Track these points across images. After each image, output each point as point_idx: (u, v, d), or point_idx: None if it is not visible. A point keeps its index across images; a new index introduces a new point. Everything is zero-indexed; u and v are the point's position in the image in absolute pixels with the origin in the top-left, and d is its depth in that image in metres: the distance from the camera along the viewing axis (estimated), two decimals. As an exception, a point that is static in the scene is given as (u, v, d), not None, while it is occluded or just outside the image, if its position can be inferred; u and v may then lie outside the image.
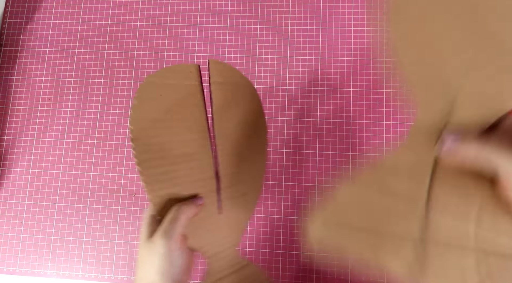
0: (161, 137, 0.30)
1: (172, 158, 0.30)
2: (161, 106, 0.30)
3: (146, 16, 0.50)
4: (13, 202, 0.46)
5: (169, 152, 0.30)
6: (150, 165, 0.29)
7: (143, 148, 0.28)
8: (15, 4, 0.51)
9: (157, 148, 0.29)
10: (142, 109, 0.29)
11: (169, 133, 0.30)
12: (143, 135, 0.29)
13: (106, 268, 0.44)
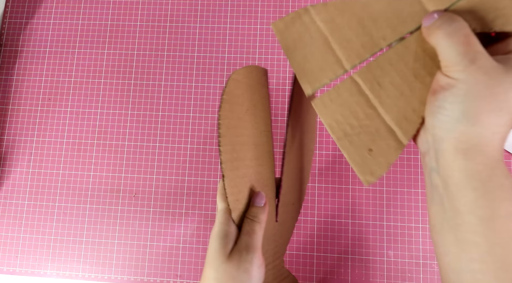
0: (241, 138, 0.28)
1: (248, 160, 0.28)
2: (243, 105, 0.28)
3: (146, 16, 0.50)
4: (13, 202, 0.46)
5: (246, 154, 0.28)
6: (233, 166, 0.27)
7: (228, 147, 0.26)
8: (15, 4, 0.51)
9: (238, 148, 0.27)
10: (230, 105, 0.27)
11: (247, 134, 0.29)
12: (229, 133, 0.26)
13: (106, 268, 0.44)
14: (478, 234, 0.19)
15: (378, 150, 0.23)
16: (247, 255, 0.25)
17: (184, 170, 0.46)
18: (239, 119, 0.28)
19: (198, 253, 0.44)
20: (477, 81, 0.18)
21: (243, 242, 0.25)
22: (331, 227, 0.43)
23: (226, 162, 0.26)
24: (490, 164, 0.19)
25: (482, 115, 0.18)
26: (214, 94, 0.47)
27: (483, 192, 0.19)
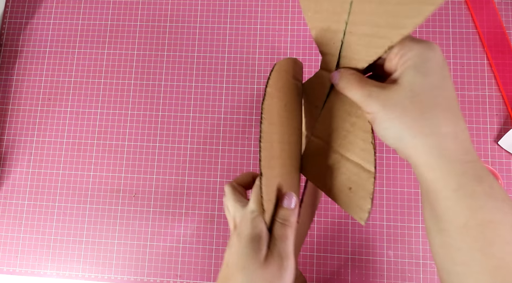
0: (278, 135, 0.27)
1: (282, 159, 0.27)
2: (282, 100, 0.27)
3: (146, 16, 0.50)
4: (13, 202, 0.46)
5: (281, 153, 0.27)
6: (270, 164, 0.25)
7: (268, 144, 0.25)
8: (15, 4, 0.51)
9: (275, 146, 0.26)
10: (273, 99, 0.26)
11: (283, 132, 0.27)
12: (269, 130, 0.25)
13: (106, 268, 0.44)
14: (457, 240, 0.20)
15: (356, 185, 0.25)
16: (283, 262, 0.24)
17: (184, 170, 0.46)
18: (278, 115, 0.26)
19: (198, 253, 0.44)
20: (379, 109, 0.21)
21: (278, 248, 0.24)
22: (331, 227, 0.43)
23: (265, 159, 0.25)
24: (455, 170, 0.20)
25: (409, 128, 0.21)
26: (214, 94, 0.47)
27: (455, 201, 0.20)
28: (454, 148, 0.20)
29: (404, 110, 0.21)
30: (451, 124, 0.21)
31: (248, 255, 0.24)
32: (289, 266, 0.24)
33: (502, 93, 0.44)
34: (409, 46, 0.21)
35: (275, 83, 0.26)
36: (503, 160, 0.43)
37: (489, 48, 0.45)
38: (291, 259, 0.25)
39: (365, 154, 0.25)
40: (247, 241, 0.24)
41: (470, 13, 0.47)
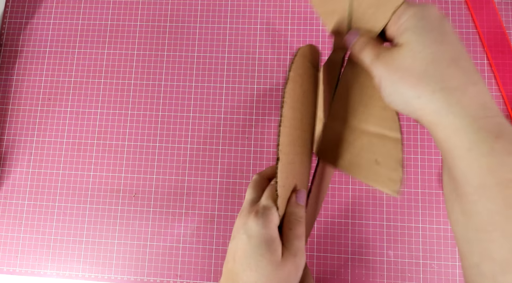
0: (296, 122, 0.26)
1: (298, 147, 0.26)
2: (302, 86, 0.26)
3: (146, 16, 0.50)
4: (13, 202, 0.46)
5: (297, 140, 0.26)
6: (286, 150, 0.24)
7: (286, 129, 0.24)
8: (15, 4, 0.51)
9: (293, 132, 0.25)
10: (294, 84, 0.25)
11: (301, 118, 0.26)
12: (289, 114, 0.24)
13: (106, 268, 0.44)
14: (476, 203, 0.19)
15: (383, 156, 0.24)
16: (300, 260, 0.24)
17: (184, 170, 0.46)
18: (298, 101, 0.26)
19: (198, 253, 0.44)
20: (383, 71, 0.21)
21: (295, 247, 0.24)
22: (331, 227, 0.43)
23: (283, 144, 0.24)
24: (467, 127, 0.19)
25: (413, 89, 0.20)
26: (214, 94, 0.47)
27: (470, 161, 0.19)
28: (464, 103, 0.19)
29: (406, 70, 0.20)
30: (458, 78, 0.19)
31: (262, 256, 0.22)
32: (303, 262, 0.24)
33: (502, 93, 0.44)
34: (404, 9, 0.22)
35: (297, 69, 0.25)
36: (503, 160, 0.43)
37: (489, 48, 0.45)
38: (304, 255, 0.24)
39: (388, 122, 0.24)
40: (259, 242, 0.23)
41: (470, 13, 0.47)
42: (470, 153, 0.18)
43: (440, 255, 0.41)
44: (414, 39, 0.20)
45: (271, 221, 0.23)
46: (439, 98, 0.19)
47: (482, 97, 0.19)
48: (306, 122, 0.28)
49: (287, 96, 0.24)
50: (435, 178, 0.43)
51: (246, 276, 0.23)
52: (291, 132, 0.25)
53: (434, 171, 0.44)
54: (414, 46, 0.20)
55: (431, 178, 0.43)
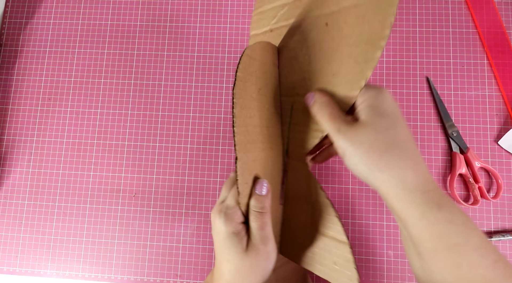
0: (254, 119, 0.27)
1: (260, 143, 0.27)
2: (256, 84, 0.27)
3: (146, 16, 0.50)
4: (13, 202, 0.46)
5: (258, 136, 0.27)
6: (247, 148, 0.25)
7: (242, 129, 0.25)
8: (15, 4, 0.51)
9: (251, 130, 0.26)
10: (244, 83, 0.25)
11: (260, 116, 0.27)
12: (242, 114, 0.25)
13: (106, 268, 0.44)
14: (431, 263, 0.22)
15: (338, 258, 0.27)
16: (264, 247, 0.26)
17: (184, 170, 0.46)
18: (252, 99, 0.26)
19: (198, 253, 0.44)
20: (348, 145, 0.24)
21: (258, 237, 0.26)
22: (331, 227, 0.43)
23: (240, 143, 0.25)
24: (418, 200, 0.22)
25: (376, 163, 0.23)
26: (214, 94, 0.47)
27: (421, 229, 0.22)
28: (415, 180, 0.22)
29: (370, 147, 0.23)
30: (410, 158, 0.23)
31: (228, 249, 0.26)
32: (270, 249, 0.26)
33: (502, 93, 0.44)
34: (364, 89, 0.24)
35: (245, 68, 0.25)
36: (503, 160, 0.43)
37: (489, 48, 0.45)
38: (271, 243, 0.26)
39: (336, 226, 0.27)
40: (224, 237, 0.26)
41: (470, 13, 0.47)
42: (421, 222, 0.22)
43: (440, 255, 0.41)
44: (376, 121, 0.23)
45: (232, 219, 0.26)
46: (397, 174, 0.22)
47: (426, 173, 0.23)
48: (267, 118, 0.29)
49: (237, 97, 0.25)
50: (435, 178, 0.43)
51: (223, 265, 0.27)
52: (249, 130, 0.26)
53: (434, 171, 0.44)
54: (377, 127, 0.23)
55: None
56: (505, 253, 0.41)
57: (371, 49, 0.23)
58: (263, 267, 0.26)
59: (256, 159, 0.27)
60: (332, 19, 0.26)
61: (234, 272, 0.26)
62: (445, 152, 0.44)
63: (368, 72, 0.24)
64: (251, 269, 0.26)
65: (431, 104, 0.45)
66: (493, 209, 0.42)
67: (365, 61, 0.24)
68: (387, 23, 0.22)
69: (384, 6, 0.23)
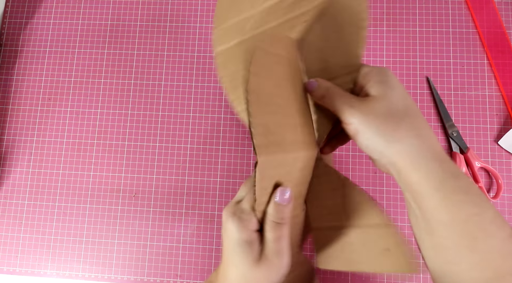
0: (275, 117, 0.24)
1: (286, 145, 0.24)
2: (273, 79, 0.24)
3: (146, 16, 0.50)
4: (13, 202, 0.46)
5: (284, 137, 0.24)
6: (269, 150, 0.22)
7: (261, 129, 0.22)
8: (15, 4, 0.51)
9: (273, 130, 0.23)
10: (259, 79, 0.23)
11: (283, 113, 0.24)
12: (259, 112, 0.22)
13: (106, 268, 0.44)
14: (446, 238, 0.21)
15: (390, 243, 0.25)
16: (278, 261, 0.24)
17: (184, 170, 0.46)
18: (271, 95, 0.24)
19: (198, 253, 0.44)
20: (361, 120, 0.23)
21: (272, 249, 0.24)
22: (331, 227, 0.43)
23: (260, 146, 0.22)
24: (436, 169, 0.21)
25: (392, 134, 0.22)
26: (214, 94, 0.47)
27: (439, 199, 0.21)
28: (432, 149, 0.22)
29: (385, 119, 0.22)
30: (425, 127, 0.23)
31: (238, 256, 0.24)
32: (283, 263, 0.24)
33: (502, 93, 0.44)
34: (368, 68, 0.25)
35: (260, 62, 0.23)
36: (503, 160, 0.43)
37: (489, 48, 0.45)
38: (286, 257, 0.24)
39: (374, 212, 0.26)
40: (235, 244, 0.24)
41: (470, 13, 0.47)
42: (439, 192, 0.21)
43: (440, 255, 0.41)
44: (388, 93, 0.23)
45: (246, 226, 0.23)
46: (414, 143, 0.22)
47: (438, 143, 0.23)
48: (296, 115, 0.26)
49: (252, 93, 0.22)
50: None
51: (230, 270, 0.25)
52: (271, 131, 0.23)
53: (434, 171, 0.43)
54: (390, 98, 0.23)
55: (431, 178, 0.43)
56: (505, 253, 0.41)
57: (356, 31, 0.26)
58: (272, 280, 0.24)
59: (280, 164, 0.24)
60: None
61: (241, 281, 0.24)
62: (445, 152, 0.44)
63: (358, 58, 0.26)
64: (259, 280, 0.24)
65: (431, 104, 0.45)
66: (493, 209, 0.42)
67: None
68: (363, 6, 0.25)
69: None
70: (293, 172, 0.26)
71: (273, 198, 0.24)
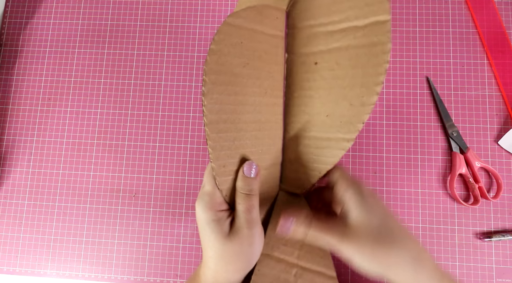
0: (235, 97, 0.24)
1: (242, 123, 0.25)
2: (240, 57, 0.24)
3: (146, 16, 0.50)
4: (13, 202, 0.46)
5: (241, 116, 0.24)
6: (219, 128, 0.23)
7: (214, 107, 0.22)
8: (15, 4, 0.51)
9: (229, 109, 0.23)
10: (220, 58, 0.22)
11: (244, 93, 0.24)
12: (216, 91, 0.22)
13: (106, 268, 0.44)
14: None
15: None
16: (249, 231, 0.25)
17: (184, 169, 0.46)
18: (234, 75, 0.23)
19: (198, 253, 0.44)
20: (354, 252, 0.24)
21: (243, 220, 0.25)
22: (331, 227, 0.43)
23: (211, 123, 0.23)
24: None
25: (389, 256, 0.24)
26: (214, 94, 0.47)
27: None
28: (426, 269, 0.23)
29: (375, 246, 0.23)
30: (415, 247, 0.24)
31: (208, 235, 0.24)
32: (255, 234, 0.25)
33: (502, 93, 0.44)
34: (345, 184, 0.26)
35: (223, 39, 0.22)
36: (503, 160, 0.43)
37: (489, 48, 0.45)
38: (258, 227, 0.25)
39: (325, 261, 0.27)
40: (203, 225, 0.25)
41: (470, 13, 0.47)
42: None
43: (440, 255, 0.41)
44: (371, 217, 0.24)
45: (211, 206, 0.25)
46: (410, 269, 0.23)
47: (431, 259, 0.24)
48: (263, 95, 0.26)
49: (209, 73, 0.22)
50: (435, 178, 0.43)
51: (206, 252, 0.26)
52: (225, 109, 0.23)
53: (434, 171, 0.44)
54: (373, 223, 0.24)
55: (431, 178, 0.43)
56: (505, 253, 0.41)
57: (367, 93, 0.23)
58: (247, 253, 0.25)
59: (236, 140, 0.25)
60: (321, 58, 0.25)
61: (217, 259, 0.25)
62: (445, 152, 0.44)
63: (365, 116, 0.23)
64: (234, 255, 0.24)
65: (431, 104, 0.45)
66: (493, 209, 0.42)
67: (362, 104, 0.23)
68: (381, 69, 0.22)
69: (378, 52, 0.22)
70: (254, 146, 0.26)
71: (241, 171, 0.25)
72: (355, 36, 0.23)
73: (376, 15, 0.22)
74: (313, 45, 0.26)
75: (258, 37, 0.24)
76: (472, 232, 0.42)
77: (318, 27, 0.25)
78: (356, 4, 0.23)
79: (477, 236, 0.42)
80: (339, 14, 0.24)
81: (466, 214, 0.42)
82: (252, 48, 0.24)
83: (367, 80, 0.23)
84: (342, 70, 0.24)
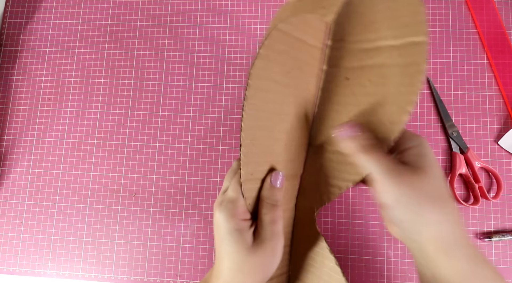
0: (273, 105, 0.23)
1: (276, 132, 0.24)
2: (284, 66, 0.24)
3: (146, 16, 0.50)
4: (13, 202, 0.46)
5: (275, 125, 0.24)
6: (254, 135, 0.23)
7: (253, 113, 0.22)
8: (15, 4, 0.51)
9: (265, 116, 0.23)
10: (267, 62, 0.22)
11: (281, 101, 0.24)
12: (258, 97, 0.22)
13: (106, 268, 0.44)
14: None
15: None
16: (273, 243, 0.24)
17: (184, 170, 0.46)
18: (275, 82, 0.23)
19: (198, 253, 0.44)
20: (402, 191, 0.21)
21: (268, 231, 0.24)
22: (331, 227, 0.43)
23: (248, 129, 0.22)
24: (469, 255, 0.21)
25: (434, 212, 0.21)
26: (214, 94, 0.47)
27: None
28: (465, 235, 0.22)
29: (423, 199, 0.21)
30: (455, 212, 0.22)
31: (230, 246, 0.23)
32: (278, 246, 0.24)
33: (502, 93, 0.44)
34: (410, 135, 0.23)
35: (272, 45, 0.22)
36: (503, 160, 0.43)
37: (489, 48, 0.45)
38: (280, 239, 0.24)
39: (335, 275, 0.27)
40: (225, 233, 0.23)
41: (470, 13, 0.47)
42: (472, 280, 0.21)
43: (440, 255, 0.41)
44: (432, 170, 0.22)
45: (234, 214, 0.23)
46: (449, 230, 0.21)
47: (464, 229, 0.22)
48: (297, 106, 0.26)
49: (254, 78, 0.22)
50: (435, 178, 0.43)
51: (223, 262, 0.24)
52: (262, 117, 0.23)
53: (434, 171, 0.43)
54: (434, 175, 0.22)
55: (431, 178, 0.43)
56: (505, 253, 0.41)
57: (397, 111, 0.22)
58: (268, 265, 0.24)
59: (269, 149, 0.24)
60: (353, 74, 0.25)
61: (236, 271, 0.23)
62: (445, 152, 0.44)
63: (394, 134, 0.22)
64: (255, 267, 0.23)
65: (431, 104, 0.45)
66: (493, 209, 0.42)
67: (391, 122, 0.22)
68: (415, 89, 0.21)
69: (413, 71, 0.21)
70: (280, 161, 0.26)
71: (267, 180, 0.24)
72: (391, 55, 0.23)
73: (413, 35, 0.23)
74: (347, 60, 0.26)
75: (301, 47, 0.24)
76: (472, 232, 0.42)
77: (354, 44, 0.25)
78: (395, 24, 0.23)
79: (477, 236, 0.42)
80: (376, 33, 0.24)
81: (466, 214, 0.42)
82: (295, 57, 0.24)
83: (399, 99, 0.22)
84: (373, 87, 0.24)
